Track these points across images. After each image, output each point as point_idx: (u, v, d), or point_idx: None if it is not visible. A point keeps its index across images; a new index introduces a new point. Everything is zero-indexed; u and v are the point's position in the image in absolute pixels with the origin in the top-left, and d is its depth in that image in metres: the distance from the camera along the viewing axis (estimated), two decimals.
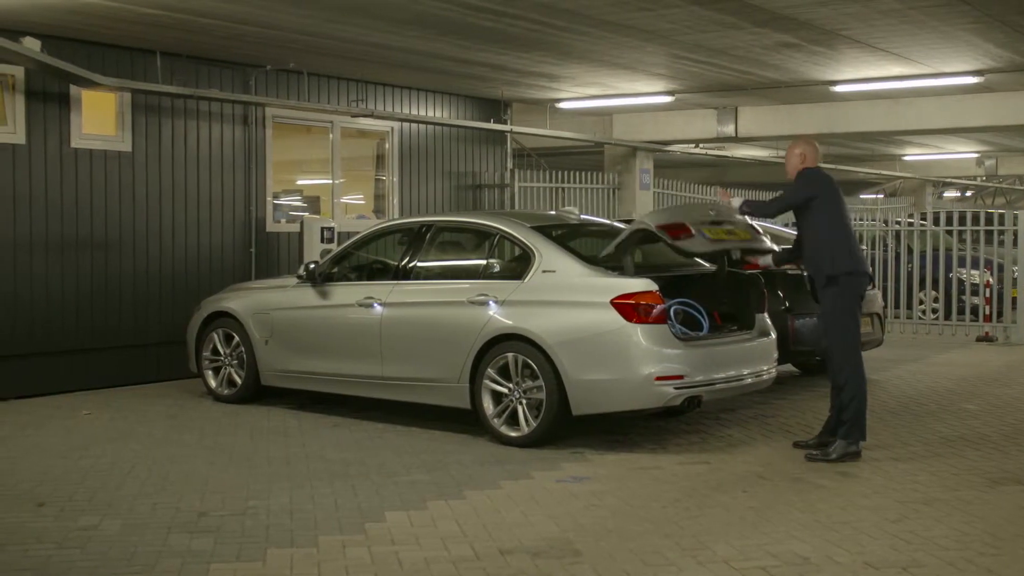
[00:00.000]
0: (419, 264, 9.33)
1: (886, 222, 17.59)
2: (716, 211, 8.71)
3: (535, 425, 8.23)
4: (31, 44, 10.02)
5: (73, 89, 10.90)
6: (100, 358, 11.26)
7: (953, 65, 13.07)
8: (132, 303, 11.51)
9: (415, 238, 9.48)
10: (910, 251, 16.94)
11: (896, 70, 13.41)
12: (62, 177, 10.88)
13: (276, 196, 13.24)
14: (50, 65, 10.21)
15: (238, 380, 10.27)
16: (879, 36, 11.28)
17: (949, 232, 16.98)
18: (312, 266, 9.90)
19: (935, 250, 16.78)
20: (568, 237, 9.24)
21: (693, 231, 8.27)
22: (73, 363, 11.04)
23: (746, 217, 8.73)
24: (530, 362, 8.22)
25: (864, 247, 16.00)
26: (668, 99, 15.78)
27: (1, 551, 5.72)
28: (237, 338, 10.24)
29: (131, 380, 11.41)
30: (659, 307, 8.01)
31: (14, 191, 10.52)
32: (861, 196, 32.98)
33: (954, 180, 32.78)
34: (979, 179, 33.03)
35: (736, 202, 8.48)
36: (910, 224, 17.49)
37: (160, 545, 5.82)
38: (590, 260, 8.65)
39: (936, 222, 17.01)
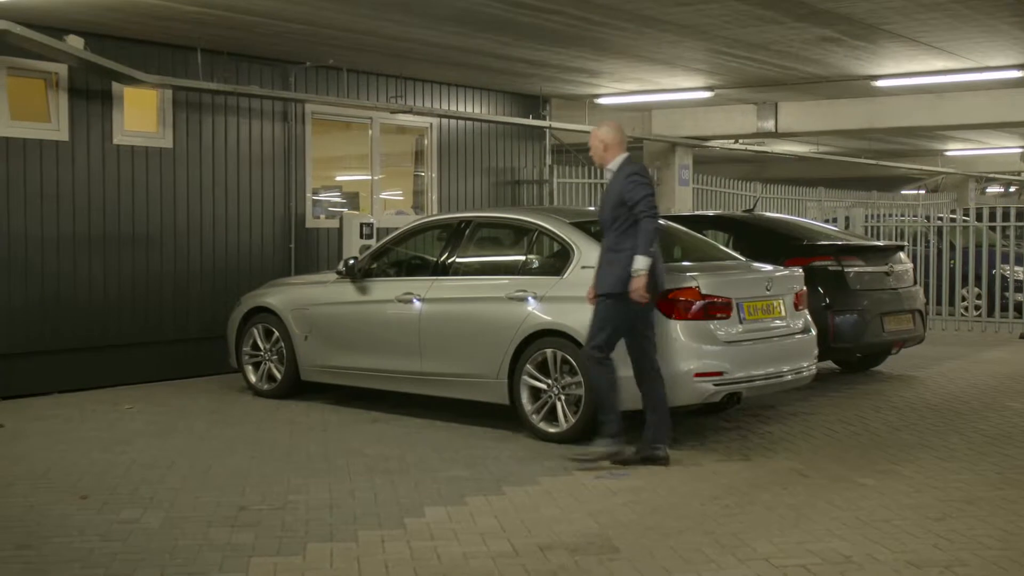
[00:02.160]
0: (458, 260, 9.33)
1: (928, 218, 17.43)
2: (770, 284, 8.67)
3: (574, 421, 8.21)
4: (74, 42, 10.13)
5: (115, 86, 10.99)
6: (142, 353, 11.36)
7: (997, 59, 12.93)
8: (173, 298, 11.61)
9: (454, 234, 9.49)
10: (952, 247, 16.77)
11: (939, 64, 13.28)
12: (104, 174, 10.98)
13: (315, 192, 13.30)
14: (93, 63, 10.31)
15: (278, 375, 10.32)
16: (921, 30, 11.17)
17: (992, 228, 16.78)
18: (351, 262, 9.92)
19: (978, 246, 16.59)
20: None
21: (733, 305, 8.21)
22: (115, 358, 11.15)
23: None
24: (569, 358, 8.20)
25: (906, 243, 15.87)
26: (707, 94, 15.71)
27: (46, 543, 5.79)
28: (277, 333, 10.29)
29: (172, 375, 11.50)
30: (698, 303, 7.98)
31: (57, 188, 10.63)
32: (902, 192, 32.70)
33: (997, 175, 32.44)
34: (1023, 174, 32.65)
35: (641, 264, 7.28)
36: (952, 220, 17.31)
37: (201, 538, 5.87)
38: None
39: (979, 218, 16.83)
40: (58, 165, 10.64)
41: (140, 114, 11.34)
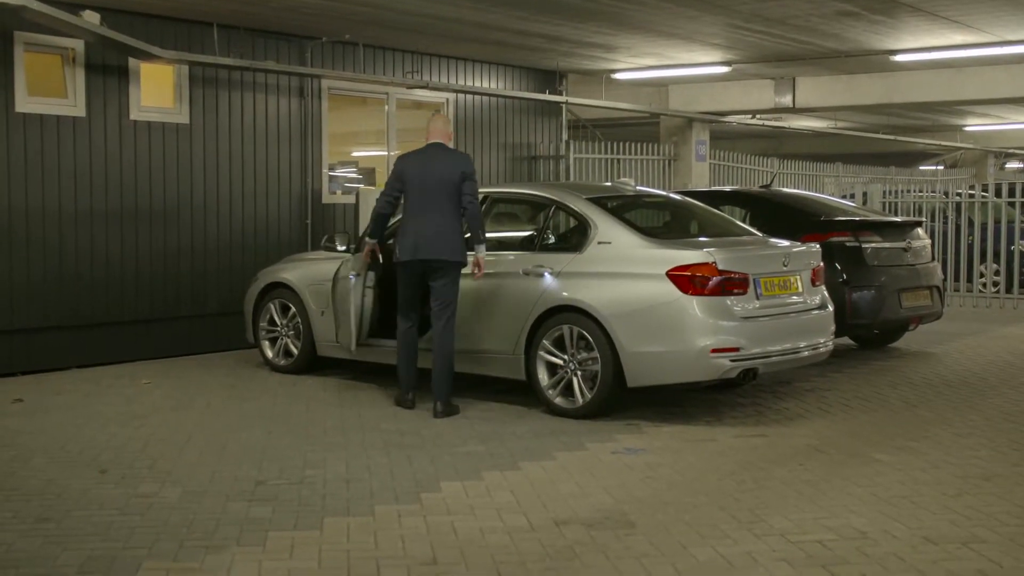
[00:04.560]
0: None
1: (946, 194, 17.34)
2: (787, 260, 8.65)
3: (590, 397, 8.22)
4: (91, 17, 10.11)
5: (132, 62, 10.99)
6: (160, 328, 11.41)
7: (1018, 33, 12.83)
8: (190, 274, 11.63)
9: None
10: (971, 223, 16.69)
11: (959, 38, 13.18)
12: (121, 149, 11.00)
13: (332, 168, 13.31)
14: (109, 38, 10.30)
15: (294, 350, 10.35)
16: (941, 4, 11.08)
17: (1011, 204, 16.69)
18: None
19: (996, 222, 16.51)
20: (624, 209, 9.20)
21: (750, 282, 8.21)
22: (133, 333, 11.19)
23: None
24: (585, 334, 8.20)
25: (924, 219, 15.80)
26: (725, 69, 15.64)
27: (66, 516, 5.83)
28: (293, 309, 10.30)
29: (190, 350, 11.55)
30: (715, 279, 7.96)
31: (74, 163, 10.65)
32: (921, 167, 32.51)
33: (1016, 151, 32.21)
34: None
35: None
36: (971, 196, 17.21)
37: (219, 513, 5.90)
38: (646, 231, 8.62)
39: (997, 194, 16.72)
40: (75, 141, 10.66)
41: (157, 90, 11.34)
